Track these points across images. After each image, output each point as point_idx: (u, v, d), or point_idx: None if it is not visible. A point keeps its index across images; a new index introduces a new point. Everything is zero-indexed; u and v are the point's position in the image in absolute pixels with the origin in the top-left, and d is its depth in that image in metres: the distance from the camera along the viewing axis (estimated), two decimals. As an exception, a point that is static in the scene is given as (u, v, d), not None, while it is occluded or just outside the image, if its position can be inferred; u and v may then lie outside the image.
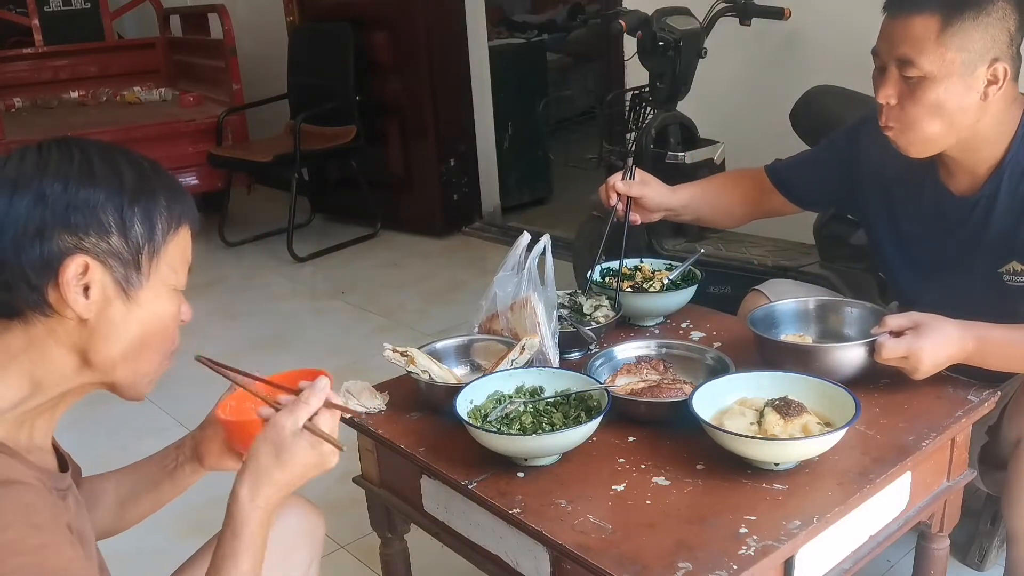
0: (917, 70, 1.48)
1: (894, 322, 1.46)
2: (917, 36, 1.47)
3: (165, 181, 1.02)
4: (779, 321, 1.69)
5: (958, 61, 1.46)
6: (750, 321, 1.63)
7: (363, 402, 1.53)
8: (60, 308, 0.94)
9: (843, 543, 1.31)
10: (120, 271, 0.96)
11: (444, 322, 3.52)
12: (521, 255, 1.65)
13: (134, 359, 1.01)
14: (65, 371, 0.99)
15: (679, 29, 2.79)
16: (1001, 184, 1.57)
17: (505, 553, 1.32)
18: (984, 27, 1.46)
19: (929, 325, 1.45)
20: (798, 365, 1.48)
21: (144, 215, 0.97)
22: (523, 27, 6.76)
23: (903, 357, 1.44)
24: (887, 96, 1.52)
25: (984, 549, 1.98)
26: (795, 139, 2.61)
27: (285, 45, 5.00)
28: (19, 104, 5.65)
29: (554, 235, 1.88)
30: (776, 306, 1.72)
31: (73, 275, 0.93)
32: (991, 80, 1.49)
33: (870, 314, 1.63)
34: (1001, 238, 1.58)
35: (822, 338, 1.66)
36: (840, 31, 2.95)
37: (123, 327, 0.98)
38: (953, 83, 1.47)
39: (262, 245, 4.80)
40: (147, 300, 0.99)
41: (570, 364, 1.63)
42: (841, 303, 1.72)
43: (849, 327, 1.66)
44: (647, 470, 1.32)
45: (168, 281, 1.01)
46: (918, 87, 1.49)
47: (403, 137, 4.70)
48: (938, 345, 1.44)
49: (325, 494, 2.34)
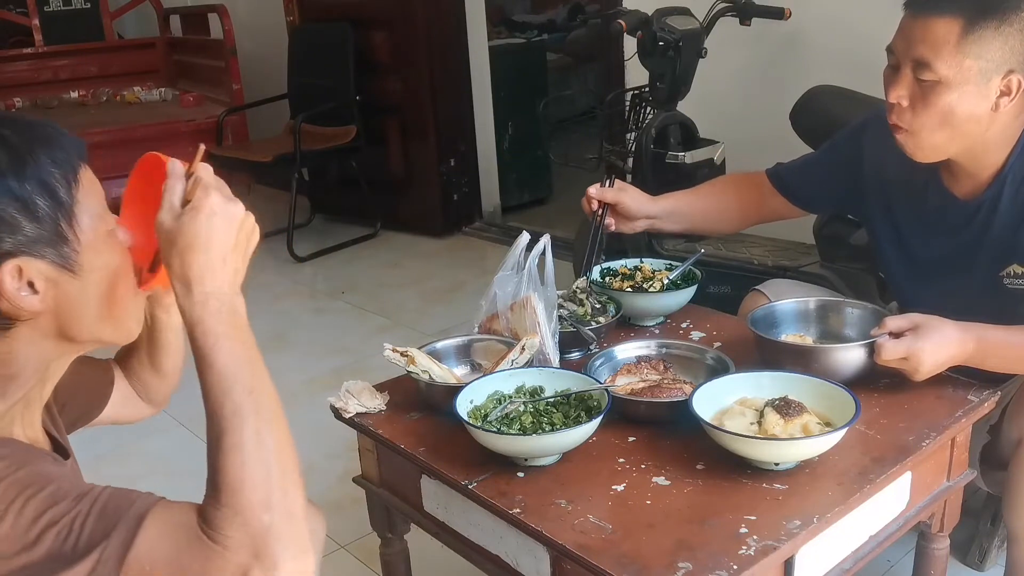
0: (932, 74, 1.46)
1: (894, 323, 1.46)
2: (937, 39, 1.45)
3: (35, 137, 0.93)
4: (779, 321, 1.68)
5: (975, 69, 1.45)
6: (750, 321, 1.63)
7: (363, 402, 1.53)
8: (16, 315, 0.92)
9: (843, 543, 1.31)
10: (51, 252, 0.92)
11: (444, 322, 3.52)
12: (521, 255, 1.65)
13: (110, 315, 0.99)
14: (44, 355, 0.98)
15: (679, 29, 2.79)
16: (1004, 189, 1.57)
17: (505, 553, 1.32)
18: (1004, 37, 1.44)
19: (929, 326, 1.44)
20: (798, 365, 1.48)
21: (39, 186, 0.91)
22: (523, 27, 6.77)
23: (903, 358, 1.44)
24: (899, 96, 1.51)
25: (984, 549, 1.98)
26: (795, 139, 2.60)
27: (285, 45, 5.00)
28: (19, 104, 5.64)
29: (554, 235, 1.88)
30: (776, 306, 1.71)
31: (12, 282, 0.90)
32: (1004, 91, 1.48)
33: (870, 315, 1.63)
34: (1002, 241, 1.58)
35: (822, 338, 1.66)
36: (840, 31, 2.95)
37: (84, 297, 0.96)
38: (967, 91, 1.46)
39: (262, 245, 4.64)
40: (90, 260, 0.95)
41: (570, 364, 1.63)
42: (842, 303, 1.72)
43: (850, 328, 1.66)
44: (647, 470, 1.32)
45: (97, 230, 0.96)
46: (931, 91, 1.48)
47: (403, 137, 4.70)
48: (938, 346, 1.43)
49: (325, 494, 2.35)
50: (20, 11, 6.18)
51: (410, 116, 4.63)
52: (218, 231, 0.94)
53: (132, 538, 0.83)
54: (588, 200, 1.87)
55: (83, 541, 0.83)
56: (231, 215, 0.96)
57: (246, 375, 0.91)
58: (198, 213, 0.94)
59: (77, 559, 0.82)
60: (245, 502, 0.85)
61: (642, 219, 1.90)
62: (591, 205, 1.86)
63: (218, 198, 0.95)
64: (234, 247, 0.96)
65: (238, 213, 0.97)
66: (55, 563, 0.82)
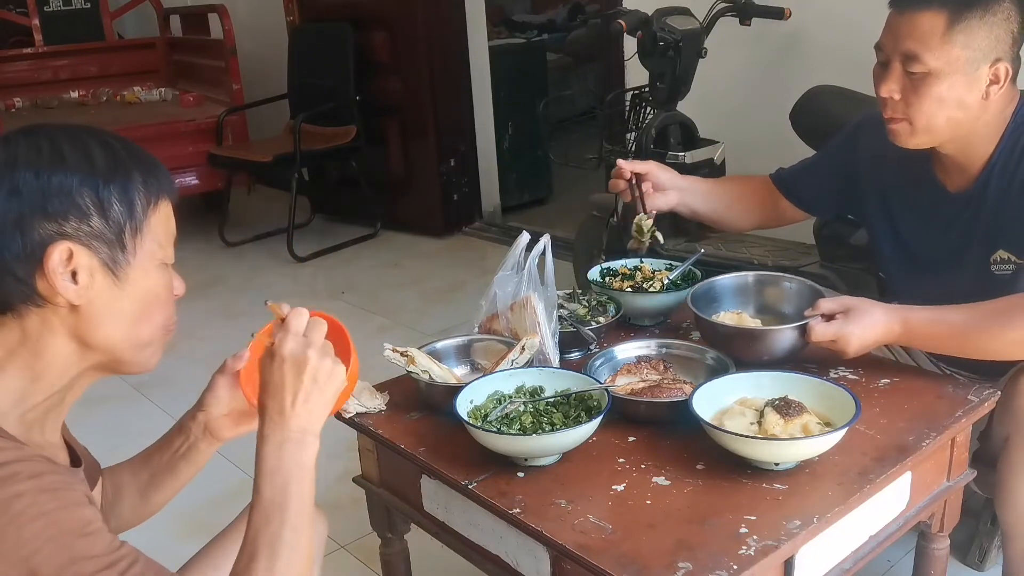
0: (922, 66, 1.50)
1: (826, 306, 1.53)
2: (923, 32, 1.49)
3: (138, 157, 1.01)
4: (719, 296, 1.74)
5: (963, 58, 1.48)
6: (690, 299, 1.67)
7: (363, 402, 1.53)
8: (50, 297, 0.94)
9: (843, 543, 1.31)
10: (105, 252, 0.96)
11: (444, 322, 3.52)
12: (521, 255, 1.65)
13: (133, 336, 1.01)
14: (66, 359, 0.99)
15: (679, 29, 2.79)
16: (991, 180, 1.60)
17: (505, 553, 1.32)
18: (989, 26, 1.48)
19: (858, 309, 1.51)
20: (733, 345, 1.55)
21: (121, 193, 0.97)
22: (523, 27, 6.77)
23: (832, 340, 1.50)
24: (890, 91, 1.54)
25: (984, 549, 1.98)
26: (795, 139, 2.61)
27: (285, 45, 5.00)
28: (19, 104, 5.64)
29: (554, 235, 1.88)
30: (716, 281, 1.75)
31: (58, 262, 0.93)
32: (993, 79, 1.51)
33: (807, 290, 1.68)
34: (990, 230, 1.61)
35: (760, 314, 1.72)
36: (840, 31, 2.95)
37: (116, 307, 0.98)
38: (957, 80, 1.50)
39: (262, 245, 4.80)
40: (136, 278, 0.99)
41: (570, 364, 1.63)
42: (780, 278, 1.76)
43: (787, 303, 1.71)
44: (647, 470, 1.32)
45: (155, 256, 1.01)
46: (922, 83, 1.51)
47: (403, 137, 4.70)
48: (866, 328, 1.50)
49: (325, 494, 2.35)
50: (20, 11, 6.18)
51: (410, 116, 4.64)
52: (288, 376, 1.03)
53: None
54: (619, 172, 1.85)
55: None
56: (299, 362, 1.04)
57: (292, 511, 1.00)
58: (272, 359, 1.05)
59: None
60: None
61: (672, 191, 1.90)
62: (623, 175, 1.85)
63: (293, 344, 1.05)
64: (304, 392, 1.04)
65: (309, 360, 1.04)
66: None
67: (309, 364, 1.04)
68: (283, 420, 1.03)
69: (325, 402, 1.05)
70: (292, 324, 1.06)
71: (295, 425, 1.03)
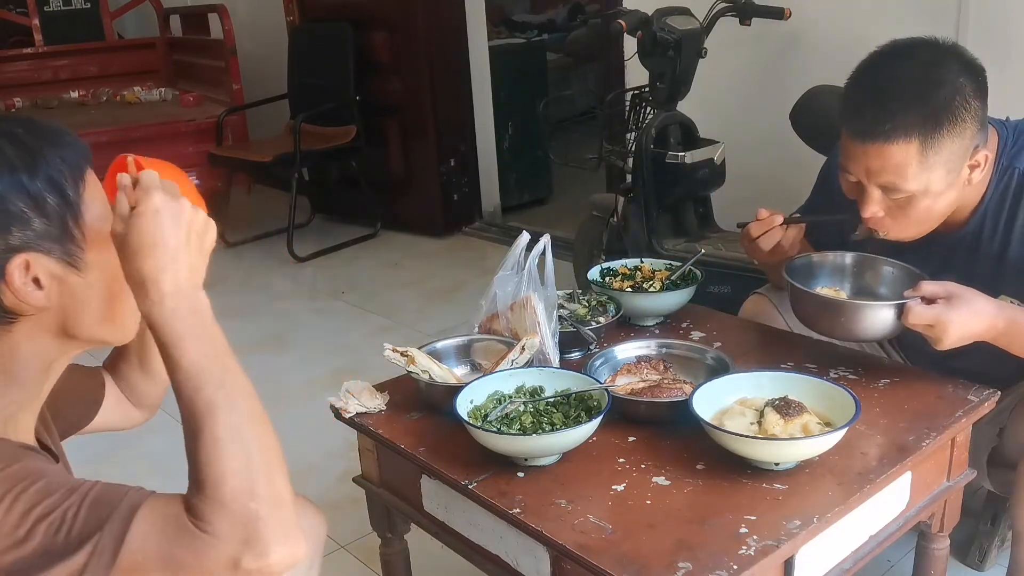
0: (903, 192, 1.47)
1: (929, 288, 1.45)
2: (897, 164, 1.44)
3: (42, 135, 0.95)
4: (816, 272, 1.69)
5: (942, 171, 1.45)
6: (787, 270, 1.61)
7: (363, 402, 1.53)
8: (20, 310, 0.93)
9: (843, 543, 1.31)
10: (58, 249, 0.94)
11: (444, 322, 3.52)
12: (521, 255, 1.65)
13: (110, 314, 1.00)
14: (45, 353, 0.99)
15: (679, 29, 2.79)
16: (984, 222, 1.58)
17: (505, 553, 1.32)
18: (961, 132, 1.43)
19: (963, 297, 1.42)
20: (826, 318, 1.51)
21: (48, 183, 0.93)
22: (523, 27, 6.77)
23: (930, 325, 1.42)
24: (873, 212, 1.51)
25: (984, 549, 1.98)
26: (795, 139, 2.61)
27: (285, 45, 5.00)
28: (19, 104, 5.64)
29: (554, 235, 1.88)
30: (814, 257, 1.71)
31: (19, 277, 0.91)
32: (973, 166, 1.49)
33: (906, 275, 1.61)
34: (991, 275, 1.58)
35: (857, 294, 1.66)
36: (840, 31, 2.95)
37: (87, 295, 0.97)
38: (940, 190, 1.47)
39: (262, 245, 4.80)
40: (95, 259, 0.97)
41: (570, 364, 1.63)
42: (879, 261, 1.69)
43: (885, 286, 1.65)
44: (647, 470, 1.32)
45: (102, 230, 0.97)
46: (906, 203, 1.49)
47: (403, 137, 4.70)
48: (968, 317, 1.41)
49: (325, 494, 2.35)
50: (20, 11, 6.18)
51: (410, 116, 4.63)
52: (164, 229, 0.92)
53: (125, 530, 0.83)
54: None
55: (75, 534, 0.83)
56: (176, 211, 0.93)
57: (215, 371, 0.91)
58: (142, 214, 0.92)
59: (70, 552, 0.82)
60: (229, 493, 0.86)
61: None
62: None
63: (161, 197, 0.93)
64: (185, 244, 0.94)
65: (183, 209, 0.94)
66: (48, 556, 0.82)
67: (184, 215, 0.94)
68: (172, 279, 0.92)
69: (205, 252, 0.98)
70: (146, 179, 0.95)
71: (193, 279, 0.95)
